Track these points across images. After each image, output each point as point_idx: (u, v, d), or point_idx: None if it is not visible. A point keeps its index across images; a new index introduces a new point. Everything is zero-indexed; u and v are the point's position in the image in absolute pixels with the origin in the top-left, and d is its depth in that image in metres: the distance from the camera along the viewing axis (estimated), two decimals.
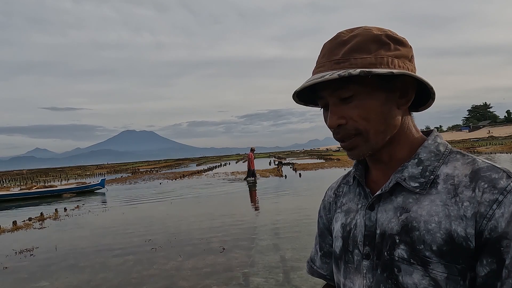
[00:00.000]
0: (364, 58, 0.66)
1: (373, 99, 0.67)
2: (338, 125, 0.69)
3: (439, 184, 0.66)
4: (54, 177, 42.69)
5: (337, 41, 0.70)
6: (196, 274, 5.07)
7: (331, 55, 0.69)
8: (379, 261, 0.69)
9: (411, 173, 0.69)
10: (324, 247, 0.91)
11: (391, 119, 0.69)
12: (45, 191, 18.71)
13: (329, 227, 0.88)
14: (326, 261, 0.90)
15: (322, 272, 0.92)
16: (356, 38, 0.68)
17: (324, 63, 0.69)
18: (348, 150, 0.72)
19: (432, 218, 0.63)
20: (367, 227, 0.72)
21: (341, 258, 0.78)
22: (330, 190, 0.92)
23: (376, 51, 0.67)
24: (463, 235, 0.60)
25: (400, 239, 0.66)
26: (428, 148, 0.71)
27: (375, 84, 0.67)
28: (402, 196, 0.69)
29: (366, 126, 0.68)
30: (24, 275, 5.56)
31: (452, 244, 0.61)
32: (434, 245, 0.62)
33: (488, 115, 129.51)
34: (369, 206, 0.73)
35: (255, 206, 11.13)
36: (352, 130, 0.68)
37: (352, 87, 0.67)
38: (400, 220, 0.67)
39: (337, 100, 0.69)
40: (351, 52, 0.67)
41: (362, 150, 0.70)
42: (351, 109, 0.67)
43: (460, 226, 0.61)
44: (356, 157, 0.71)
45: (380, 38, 0.68)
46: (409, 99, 0.70)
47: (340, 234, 0.79)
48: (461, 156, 0.69)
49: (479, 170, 0.64)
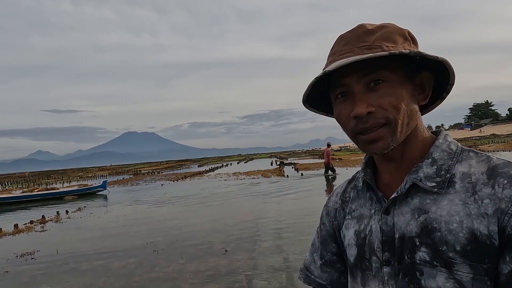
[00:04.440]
0: (395, 46, 0.65)
1: (404, 89, 0.66)
2: (368, 113, 0.65)
3: (456, 183, 0.65)
4: (56, 179, 42.74)
5: (362, 30, 0.68)
6: (198, 277, 5.02)
7: (358, 42, 0.67)
8: (401, 266, 0.66)
9: (426, 173, 0.67)
10: (325, 256, 0.87)
11: (415, 113, 0.68)
12: (47, 194, 18.71)
13: (333, 234, 0.86)
14: (327, 270, 0.87)
15: (321, 282, 0.87)
16: (384, 28, 0.68)
17: (351, 49, 0.66)
18: (370, 143, 0.67)
19: (453, 217, 0.62)
20: (385, 232, 0.70)
21: (357, 266, 0.75)
22: (334, 195, 0.88)
23: (402, 43, 0.67)
24: (486, 233, 0.59)
25: (420, 241, 0.64)
26: (440, 147, 0.69)
27: (404, 74, 0.67)
28: (419, 197, 0.67)
29: (396, 115, 0.65)
30: (25, 279, 5.51)
31: (476, 243, 0.59)
32: (458, 245, 0.60)
33: (490, 113, 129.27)
34: (385, 210, 0.70)
35: (258, 207, 11.08)
36: (382, 119, 0.65)
37: (384, 73, 0.65)
38: (419, 222, 0.65)
39: (365, 87, 0.66)
40: (382, 40, 0.66)
41: (387, 142, 0.66)
42: (381, 97, 0.65)
43: (483, 224, 0.59)
44: (381, 150, 0.66)
45: (404, 33, 0.69)
46: (426, 96, 0.71)
47: (354, 242, 0.76)
48: (474, 154, 0.68)
49: (496, 167, 0.63)
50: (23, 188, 27.24)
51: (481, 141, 46.97)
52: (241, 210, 10.35)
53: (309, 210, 9.16)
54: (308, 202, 10.71)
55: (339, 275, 0.86)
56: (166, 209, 11.80)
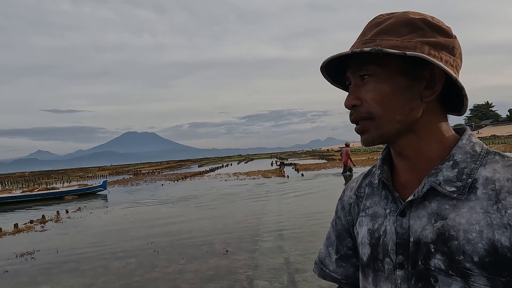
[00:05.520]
0: (390, 40, 0.63)
1: (391, 84, 0.64)
2: (353, 106, 0.67)
3: (478, 189, 0.61)
4: (56, 179, 42.73)
5: (373, 22, 0.68)
6: (199, 277, 4.99)
7: (363, 36, 0.68)
8: (414, 270, 0.64)
9: (446, 176, 0.63)
10: (341, 250, 0.85)
11: (409, 109, 0.64)
12: (47, 193, 18.68)
13: (348, 229, 0.84)
14: (342, 264, 0.85)
15: (336, 276, 0.86)
16: (390, 20, 0.66)
17: (355, 44, 0.68)
18: (360, 133, 0.69)
19: (473, 227, 0.59)
20: (399, 235, 0.67)
21: (369, 265, 0.73)
22: (349, 190, 0.86)
23: (406, 34, 0.63)
24: (507, 245, 0.56)
25: (436, 248, 0.61)
26: (463, 148, 0.65)
27: (398, 68, 0.64)
28: (437, 202, 0.64)
29: (379, 111, 0.64)
30: (25, 279, 5.49)
31: (495, 255, 0.56)
32: (476, 256, 0.57)
33: (490, 114, 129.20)
34: (401, 212, 0.68)
35: (259, 207, 11.05)
36: (365, 113, 0.66)
37: (371, 67, 0.65)
38: (436, 228, 0.62)
39: (359, 80, 0.67)
40: (380, 33, 0.65)
41: (372, 135, 0.67)
42: (367, 91, 0.65)
43: (504, 236, 0.56)
44: (366, 143, 0.68)
45: (414, 22, 0.64)
46: (434, 91, 0.65)
47: (367, 241, 0.74)
48: (500, 158, 0.64)
49: None
50: (23, 188, 27.22)
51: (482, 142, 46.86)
52: (242, 210, 10.33)
53: (310, 209, 9.14)
54: (310, 201, 10.69)
55: (354, 270, 0.84)
56: (166, 209, 11.78)
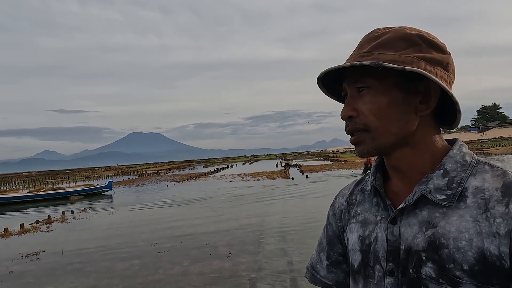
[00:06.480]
0: (387, 54, 0.64)
1: (388, 97, 0.65)
2: (349, 117, 0.68)
3: (467, 197, 0.62)
4: (62, 179, 43.06)
5: (370, 36, 0.69)
6: (202, 279, 5.00)
7: (360, 49, 0.68)
8: (404, 278, 0.64)
9: (436, 184, 0.64)
10: (332, 256, 0.86)
11: (405, 122, 0.66)
12: (53, 194, 18.85)
13: (339, 235, 0.84)
14: (333, 270, 0.86)
15: (327, 282, 0.87)
16: (387, 34, 0.67)
17: (351, 56, 0.69)
18: (354, 145, 0.70)
19: (462, 235, 0.59)
20: (390, 242, 0.68)
21: (360, 272, 0.73)
22: (341, 197, 0.87)
23: (403, 49, 0.64)
24: (496, 254, 0.57)
25: (427, 256, 0.62)
26: (454, 158, 0.66)
27: (394, 82, 0.65)
28: (428, 210, 0.65)
29: (375, 123, 0.65)
30: (30, 279, 5.54)
31: (484, 263, 0.57)
32: (465, 265, 0.58)
33: (498, 115, 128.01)
34: (392, 219, 0.68)
35: (262, 209, 11.05)
36: (361, 125, 0.67)
37: (369, 80, 0.65)
38: (427, 236, 0.63)
39: (355, 92, 0.68)
40: (378, 47, 0.65)
41: (367, 147, 0.67)
42: (364, 104, 0.66)
43: (493, 244, 0.57)
44: (361, 154, 0.69)
45: (411, 38, 0.66)
46: (430, 106, 0.66)
47: (358, 247, 0.74)
48: (489, 168, 0.65)
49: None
50: (29, 188, 27.47)
51: (489, 144, 46.42)
52: (245, 212, 10.33)
53: (313, 212, 9.12)
54: (313, 204, 10.66)
55: (345, 276, 0.85)
56: (171, 210, 11.82)
